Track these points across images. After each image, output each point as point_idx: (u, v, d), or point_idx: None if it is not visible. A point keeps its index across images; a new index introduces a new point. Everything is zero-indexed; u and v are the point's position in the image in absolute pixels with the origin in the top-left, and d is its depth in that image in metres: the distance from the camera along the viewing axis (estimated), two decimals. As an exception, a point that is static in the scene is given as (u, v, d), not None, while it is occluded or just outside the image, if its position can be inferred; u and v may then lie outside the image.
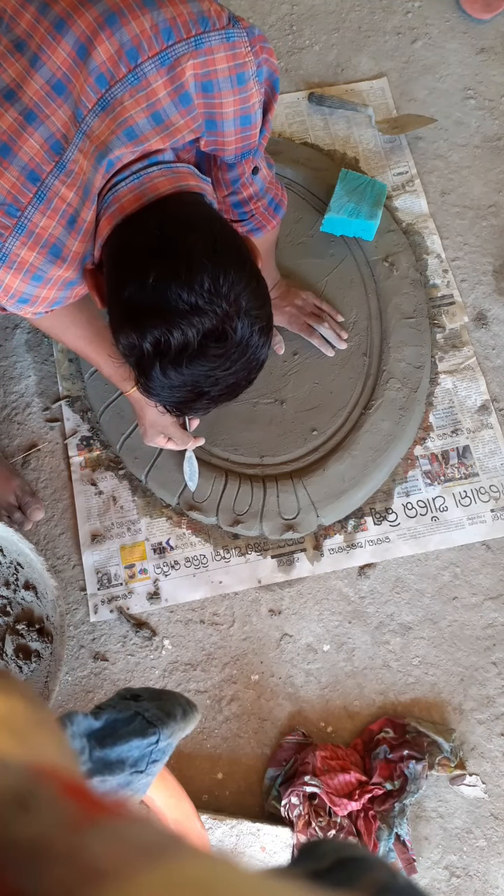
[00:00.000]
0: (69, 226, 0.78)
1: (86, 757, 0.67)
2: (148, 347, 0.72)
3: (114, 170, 0.77)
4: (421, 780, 1.03)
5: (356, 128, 1.46)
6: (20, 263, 0.78)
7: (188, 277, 0.70)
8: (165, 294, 0.70)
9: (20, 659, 1.11)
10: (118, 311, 0.75)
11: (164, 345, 0.71)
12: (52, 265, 0.79)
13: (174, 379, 0.74)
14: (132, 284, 0.72)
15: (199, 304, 0.70)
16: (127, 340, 0.73)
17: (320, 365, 1.26)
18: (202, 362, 0.73)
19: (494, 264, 1.36)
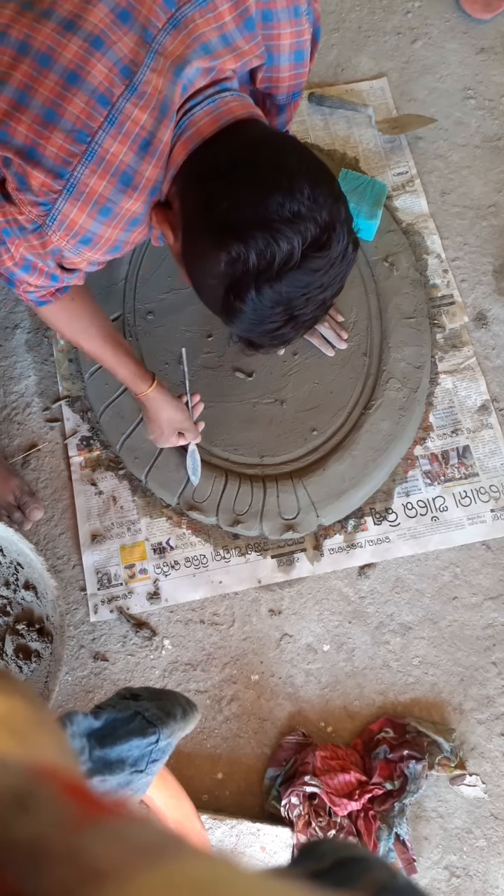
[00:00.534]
0: (142, 150, 0.74)
1: (86, 756, 0.67)
2: (252, 259, 0.69)
3: (189, 91, 0.75)
4: (421, 780, 1.03)
5: (356, 128, 1.46)
6: (89, 194, 0.73)
7: (289, 186, 0.69)
8: (267, 204, 0.69)
9: (20, 659, 1.11)
10: (208, 233, 0.72)
11: (269, 255, 0.69)
12: (122, 195, 0.75)
13: (268, 300, 0.72)
14: (227, 200, 0.70)
15: (301, 212, 0.69)
16: (228, 256, 0.70)
17: (320, 365, 1.26)
18: (301, 276, 0.71)
19: (494, 264, 1.36)
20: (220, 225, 0.71)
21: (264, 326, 0.76)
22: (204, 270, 0.75)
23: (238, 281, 0.72)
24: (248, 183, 0.71)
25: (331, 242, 0.71)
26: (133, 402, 1.21)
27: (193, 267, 0.78)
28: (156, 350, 1.25)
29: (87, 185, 0.73)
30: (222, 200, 0.71)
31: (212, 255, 0.72)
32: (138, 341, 1.26)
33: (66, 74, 0.71)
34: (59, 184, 0.72)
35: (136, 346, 1.25)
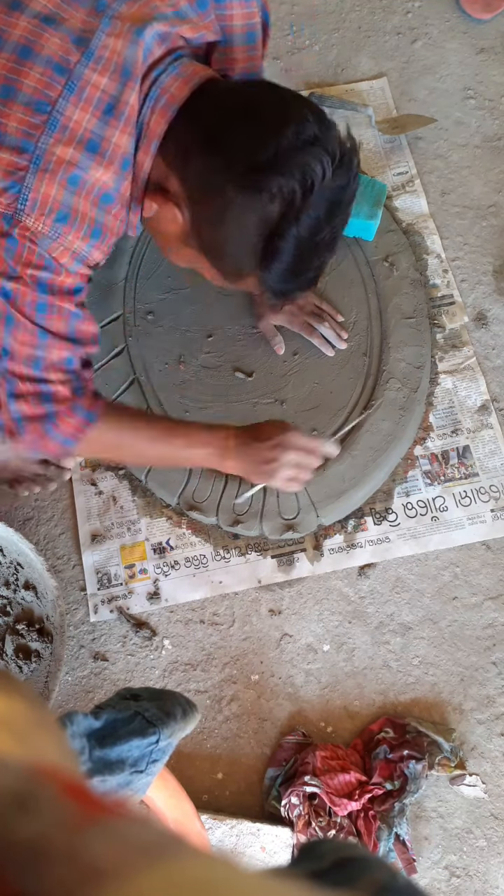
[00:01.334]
0: (106, 115, 0.73)
1: (86, 757, 0.67)
2: (296, 188, 0.71)
3: (150, 60, 0.75)
4: (421, 780, 1.03)
5: (356, 128, 1.46)
6: (56, 163, 0.72)
7: (296, 115, 0.71)
8: (286, 137, 0.71)
9: (20, 659, 1.11)
10: (236, 184, 0.72)
11: (309, 181, 0.71)
12: (91, 162, 0.73)
13: (307, 228, 0.73)
14: (243, 148, 0.71)
15: (318, 135, 0.71)
16: (269, 195, 0.71)
17: (320, 365, 1.26)
18: (332, 195, 0.74)
19: (494, 264, 1.36)
20: (247, 171, 0.72)
21: (303, 263, 0.78)
22: (231, 229, 0.75)
23: (281, 217, 0.73)
24: (257, 125, 0.72)
25: (351, 155, 0.74)
26: (133, 400, 1.22)
27: (214, 234, 0.77)
28: (156, 350, 1.25)
29: (54, 155, 0.72)
30: (238, 150, 0.72)
31: (245, 205, 0.73)
32: (138, 341, 1.26)
33: (17, 49, 0.71)
34: (25, 158, 0.71)
35: (136, 346, 1.25)
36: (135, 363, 1.24)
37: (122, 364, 1.24)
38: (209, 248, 0.81)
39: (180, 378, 1.24)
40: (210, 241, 0.79)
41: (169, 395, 1.23)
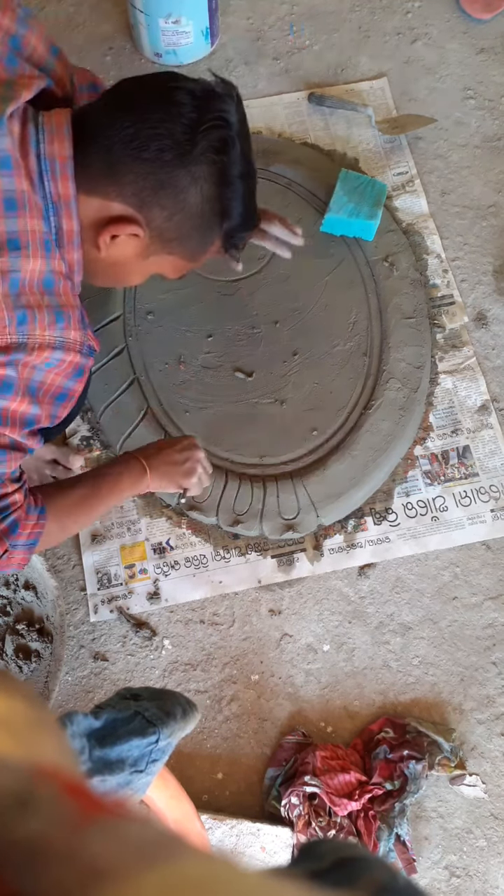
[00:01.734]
0: (9, 211, 0.72)
1: (86, 756, 0.67)
2: (218, 134, 0.76)
3: (18, 139, 0.74)
4: (421, 780, 1.03)
5: (356, 128, 1.46)
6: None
7: (172, 81, 0.78)
8: (182, 102, 0.75)
9: (20, 659, 1.11)
10: (177, 164, 0.76)
11: (221, 119, 0.76)
12: (18, 259, 0.73)
13: (238, 157, 0.79)
14: (161, 136, 0.75)
15: (202, 85, 0.78)
16: (206, 152, 0.76)
17: (320, 365, 1.26)
18: (238, 125, 0.79)
19: (494, 264, 1.36)
20: (178, 149, 0.76)
21: (251, 197, 0.84)
22: (192, 206, 0.79)
23: (222, 167, 0.78)
24: (155, 109, 0.76)
25: (229, 85, 0.80)
26: (133, 400, 1.22)
27: (178, 222, 0.80)
28: (156, 350, 1.25)
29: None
30: (159, 138, 0.75)
31: (195, 177, 0.77)
32: (138, 341, 1.26)
33: None
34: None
35: (136, 346, 1.25)
36: (135, 363, 1.24)
37: (122, 364, 1.24)
38: (176, 240, 0.82)
39: (180, 378, 1.24)
40: (176, 232, 0.81)
41: (169, 395, 1.23)
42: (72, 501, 0.93)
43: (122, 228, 0.78)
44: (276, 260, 1.32)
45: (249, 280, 1.30)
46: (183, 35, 1.45)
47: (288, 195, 1.36)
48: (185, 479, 1.02)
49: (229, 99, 0.78)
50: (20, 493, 0.82)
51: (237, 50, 1.53)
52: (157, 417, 1.22)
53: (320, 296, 1.30)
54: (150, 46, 1.48)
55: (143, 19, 1.43)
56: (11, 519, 0.82)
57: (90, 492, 0.95)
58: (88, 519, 0.96)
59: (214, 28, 1.48)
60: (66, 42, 1.53)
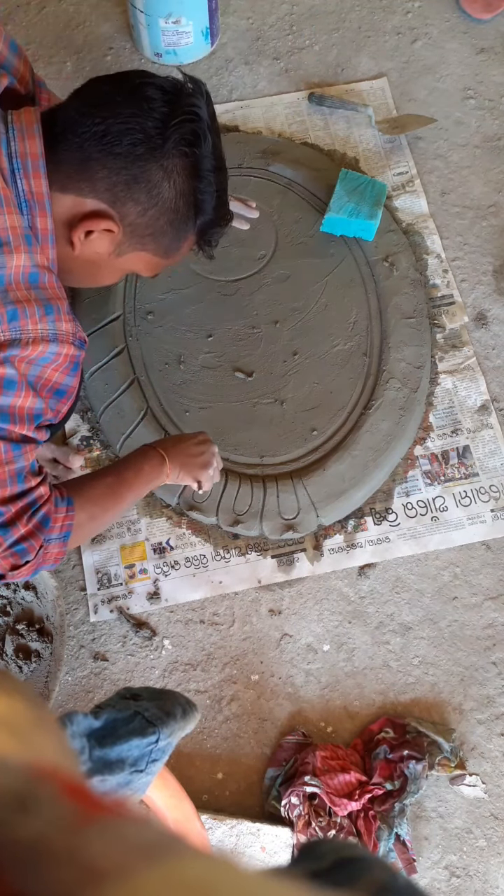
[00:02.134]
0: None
1: (86, 756, 0.67)
2: (189, 128, 0.77)
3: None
4: (421, 780, 1.03)
5: (356, 128, 1.46)
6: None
7: (142, 78, 0.78)
8: (153, 98, 0.76)
9: (20, 659, 1.11)
10: (151, 159, 0.77)
11: (191, 113, 0.78)
12: (1, 256, 0.73)
13: (210, 151, 0.80)
14: (132, 130, 0.76)
15: (171, 82, 0.79)
16: (178, 147, 0.77)
17: (320, 365, 1.26)
18: (209, 120, 0.81)
19: (494, 264, 1.36)
20: (150, 144, 0.76)
21: (223, 191, 0.85)
22: (166, 200, 0.79)
23: (195, 161, 0.79)
24: (126, 104, 0.76)
25: (198, 81, 0.81)
26: (133, 400, 1.22)
27: (153, 217, 0.80)
28: (156, 350, 1.25)
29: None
30: (131, 133, 0.76)
31: (167, 171, 0.78)
32: (138, 341, 1.26)
33: None
34: None
35: (136, 346, 1.25)
36: (135, 363, 1.24)
37: (122, 364, 1.24)
38: (150, 235, 0.82)
39: (180, 378, 1.24)
40: (150, 228, 0.81)
41: (169, 395, 1.23)
42: (98, 491, 0.93)
43: (96, 224, 0.78)
44: (276, 260, 1.32)
45: (249, 280, 1.30)
46: (183, 35, 1.45)
47: (288, 195, 1.36)
48: (202, 471, 1.02)
49: (199, 95, 0.79)
50: (45, 486, 0.82)
51: (237, 50, 1.53)
52: (157, 417, 1.22)
53: (320, 296, 1.30)
54: (150, 46, 1.48)
55: (143, 19, 1.43)
56: (41, 513, 0.82)
57: (115, 480, 0.95)
58: (117, 508, 0.95)
59: (214, 28, 1.48)
60: (66, 42, 1.53)
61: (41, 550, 0.83)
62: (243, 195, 1.26)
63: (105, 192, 0.77)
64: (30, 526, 0.81)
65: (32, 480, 0.80)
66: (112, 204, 0.78)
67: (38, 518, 0.81)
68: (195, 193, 0.81)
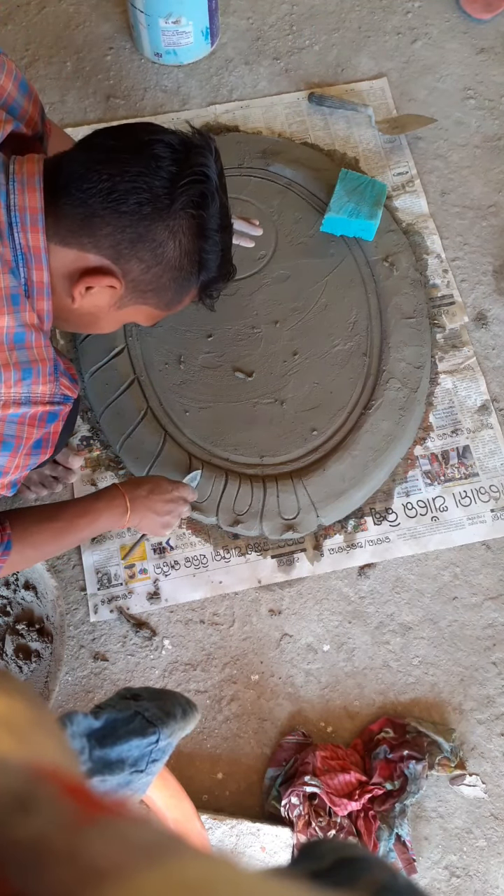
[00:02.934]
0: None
1: (86, 756, 0.67)
2: (197, 189, 0.76)
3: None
4: (421, 780, 1.03)
5: (356, 128, 1.46)
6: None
7: (152, 134, 0.77)
8: (161, 156, 0.75)
9: (20, 659, 1.11)
10: (157, 219, 0.76)
11: (201, 173, 0.77)
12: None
13: (216, 211, 0.79)
14: (140, 189, 0.75)
15: (179, 138, 0.78)
16: (186, 207, 0.76)
17: (320, 365, 1.26)
18: (218, 179, 0.79)
19: (494, 264, 1.36)
20: (157, 203, 0.75)
21: (228, 248, 0.84)
22: (170, 259, 0.79)
23: (201, 221, 0.78)
24: (134, 162, 0.75)
25: (207, 137, 0.80)
26: (133, 401, 1.22)
27: (156, 275, 0.79)
28: (156, 350, 1.25)
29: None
30: (138, 192, 0.74)
31: (173, 231, 0.77)
32: (138, 341, 1.26)
33: None
34: None
35: (136, 347, 1.25)
36: (135, 363, 1.24)
37: (122, 364, 1.24)
38: (152, 291, 0.81)
39: (180, 378, 1.24)
40: (153, 284, 0.81)
41: (169, 395, 1.23)
42: (43, 537, 0.94)
43: (97, 280, 0.77)
44: (276, 260, 1.32)
45: (249, 280, 1.30)
46: (183, 35, 1.45)
47: (288, 195, 1.36)
48: (160, 531, 1.06)
49: (208, 152, 0.78)
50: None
51: (237, 50, 1.53)
52: (158, 417, 1.22)
53: (320, 296, 1.30)
54: (151, 46, 1.48)
55: (144, 19, 1.43)
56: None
57: (65, 527, 0.95)
58: (56, 551, 0.98)
59: (214, 28, 1.48)
60: (66, 42, 1.53)
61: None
62: (244, 195, 1.26)
63: (108, 249, 0.76)
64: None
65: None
66: (115, 261, 0.77)
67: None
68: (200, 252, 0.80)
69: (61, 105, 1.48)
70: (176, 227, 0.77)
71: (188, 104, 1.48)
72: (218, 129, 1.45)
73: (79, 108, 1.48)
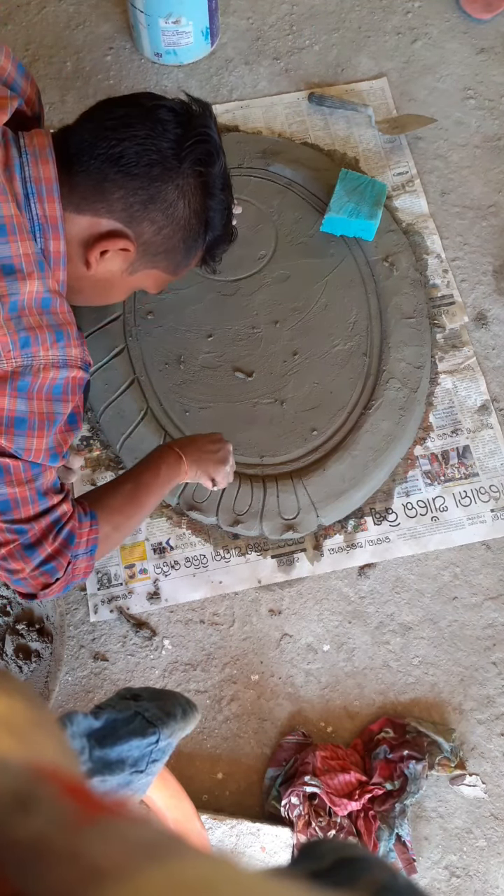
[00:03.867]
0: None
1: (86, 757, 0.67)
2: (203, 149, 0.80)
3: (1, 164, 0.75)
4: (421, 780, 1.03)
5: (356, 128, 1.46)
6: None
7: (154, 100, 0.80)
8: (167, 119, 0.79)
9: (20, 659, 1.11)
10: (165, 180, 0.79)
11: (204, 134, 0.80)
12: (15, 283, 0.72)
13: (219, 170, 0.83)
14: (149, 152, 0.77)
15: (180, 103, 0.82)
16: (194, 167, 0.80)
17: (320, 365, 1.26)
18: (218, 140, 0.84)
19: (494, 264, 1.36)
20: (166, 164, 0.78)
21: (230, 208, 0.88)
22: (181, 218, 0.82)
23: (208, 179, 0.82)
24: (141, 127, 0.78)
25: (204, 104, 0.83)
26: (133, 400, 1.22)
27: (168, 236, 0.82)
28: (156, 350, 1.25)
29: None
30: (147, 154, 0.77)
31: (183, 191, 0.80)
32: (138, 341, 1.26)
33: None
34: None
35: (136, 347, 1.25)
36: (135, 363, 1.24)
37: (122, 364, 1.24)
38: (163, 253, 0.84)
39: (180, 378, 1.24)
40: (164, 245, 0.83)
41: (169, 395, 1.23)
42: (119, 500, 0.93)
43: (112, 244, 0.79)
44: (276, 260, 1.32)
45: (249, 280, 1.30)
46: (183, 35, 1.45)
47: (288, 195, 1.37)
48: (219, 468, 1.02)
49: (208, 115, 0.82)
50: (67, 503, 0.83)
51: (237, 50, 1.53)
52: (157, 417, 1.22)
53: (320, 296, 1.30)
54: (151, 46, 1.48)
55: (143, 19, 1.43)
56: (66, 531, 0.82)
57: (134, 486, 0.94)
58: (140, 514, 0.95)
59: (214, 28, 1.48)
60: (66, 42, 1.53)
61: (69, 567, 0.83)
62: (244, 195, 1.28)
63: (121, 212, 0.78)
64: (56, 544, 0.81)
65: (55, 498, 0.80)
66: (128, 223, 0.79)
67: (64, 535, 0.82)
68: (206, 211, 0.84)
69: (61, 105, 1.48)
70: (185, 186, 0.80)
71: (188, 104, 1.48)
72: (218, 130, 1.45)
73: (79, 108, 1.47)
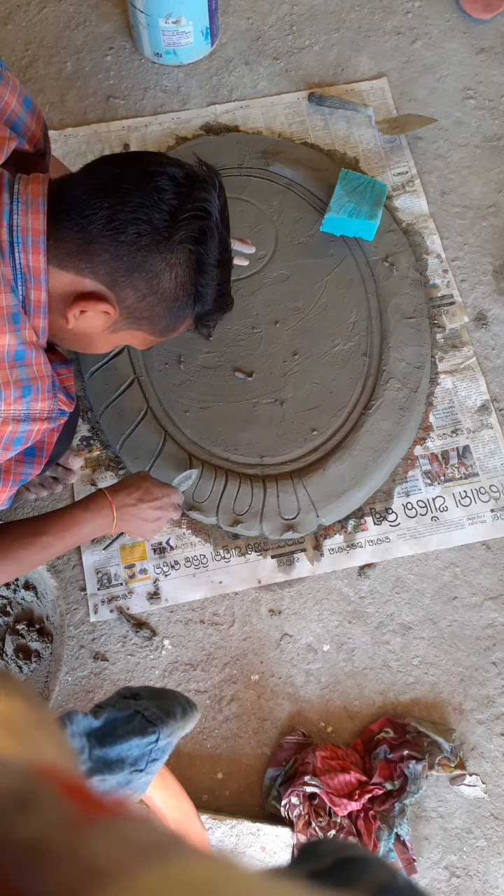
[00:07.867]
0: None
1: (85, 756, 0.67)
2: (197, 224, 0.77)
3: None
4: (421, 780, 1.03)
5: (356, 128, 1.46)
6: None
7: (159, 165, 0.77)
8: (165, 189, 0.76)
9: (20, 659, 1.11)
10: (156, 249, 0.76)
11: (203, 209, 0.77)
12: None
13: (216, 246, 0.80)
14: (140, 220, 0.75)
15: (185, 170, 0.78)
16: (184, 241, 0.77)
17: (320, 365, 1.26)
18: (219, 215, 0.79)
19: (494, 264, 1.36)
20: (156, 235, 0.75)
21: (225, 282, 0.84)
22: (166, 290, 0.79)
23: (199, 255, 0.78)
24: (138, 193, 0.75)
25: (214, 173, 0.80)
26: (133, 401, 1.22)
27: (150, 304, 0.80)
28: (155, 350, 1.25)
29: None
30: (137, 223, 0.74)
31: (170, 264, 0.77)
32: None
33: None
34: None
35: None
36: (135, 363, 1.24)
37: (122, 364, 1.24)
38: (147, 319, 0.82)
39: (180, 378, 1.24)
40: (147, 312, 0.81)
41: (169, 395, 1.23)
42: (29, 552, 0.93)
43: (92, 305, 0.78)
44: (276, 260, 1.32)
45: (249, 280, 1.30)
46: (183, 35, 1.45)
47: (288, 195, 1.37)
48: (148, 536, 1.06)
49: (211, 186, 0.78)
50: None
51: (237, 50, 1.53)
52: (157, 417, 1.22)
53: (320, 296, 1.30)
54: (151, 46, 1.48)
55: (143, 19, 1.43)
56: None
57: (51, 540, 0.94)
58: (41, 563, 0.97)
59: (214, 28, 1.48)
60: (66, 42, 1.53)
61: None
62: (244, 195, 1.27)
63: (105, 276, 0.77)
64: None
65: None
66: (111, 287, 0.77)
67: None
68: (196, 286, 0.81)
69: (61, 105, 1.48)
70: (173, 260, 0.77)
71: (188, 104, 1.48)
72: (218, 129, 1.45)
73: (79, 108, 1.48)
